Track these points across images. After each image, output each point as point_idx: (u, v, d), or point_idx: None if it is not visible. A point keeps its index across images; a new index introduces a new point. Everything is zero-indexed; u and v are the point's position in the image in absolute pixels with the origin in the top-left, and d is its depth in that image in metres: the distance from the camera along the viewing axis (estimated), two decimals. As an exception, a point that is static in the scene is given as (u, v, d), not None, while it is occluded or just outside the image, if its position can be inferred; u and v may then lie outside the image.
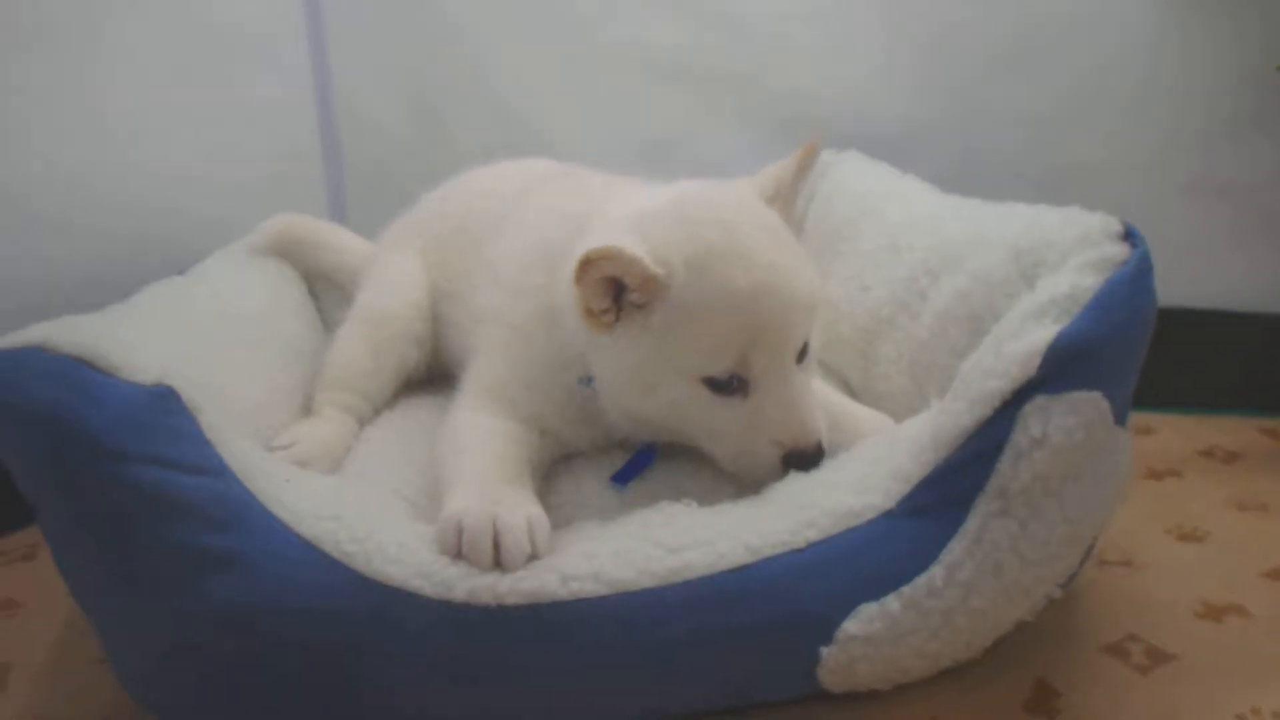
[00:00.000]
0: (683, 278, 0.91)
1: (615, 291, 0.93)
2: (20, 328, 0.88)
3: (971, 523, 0.84)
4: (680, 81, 1.69)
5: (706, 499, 0.94)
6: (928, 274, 1.09)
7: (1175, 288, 1.29)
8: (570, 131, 1.73)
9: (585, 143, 1.71)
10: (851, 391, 1.20)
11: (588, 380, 1.01)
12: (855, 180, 1.36)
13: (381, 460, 1.14)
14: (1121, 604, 1.07)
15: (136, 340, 0.92)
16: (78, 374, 0.84)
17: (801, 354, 0.97)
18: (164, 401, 0.87)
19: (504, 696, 0.84)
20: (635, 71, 1.71)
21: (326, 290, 1.49)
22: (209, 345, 1.12)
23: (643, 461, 1.03)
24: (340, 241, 1.48)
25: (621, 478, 1.03)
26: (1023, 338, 0.83)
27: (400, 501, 1.03)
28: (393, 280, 1.30)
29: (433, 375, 1.32)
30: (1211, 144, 1.52)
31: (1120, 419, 0.86)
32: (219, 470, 0.87)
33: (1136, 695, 0.94)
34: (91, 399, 0.83)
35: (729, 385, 0.93)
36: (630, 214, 0.98)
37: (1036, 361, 0.81)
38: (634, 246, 0.90)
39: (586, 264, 0.89)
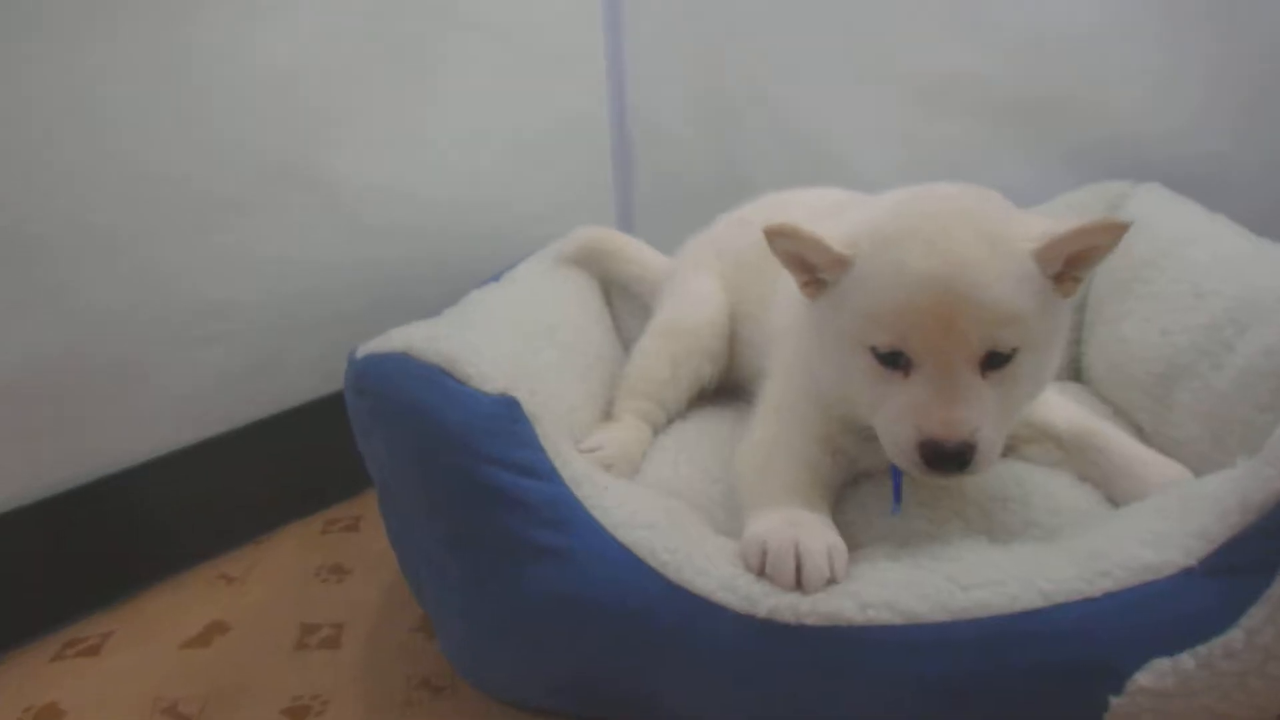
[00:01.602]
0: (867, 252, 0.96)
1: (810, 268, 1.00)
2: (355, 319, 1.07)
3: (1277, 588, 0.84)
4: (981, 108, 1.66)
5: (989, 530, 0.98)
6: (1233, 324, 1.08)
7: None
8: (859, 156, 1.77)
9: (872, 168, 1.73)
10: (1143, 436, 1.20)
11: None
12: (1157, 217, 1.34)
13: (675, 469, 1.24)
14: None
15: (482, 346, 1.05)
16: (440, 381, 0.99)
17: (992, 361, 0.94)
18: (509, 410, 1.00)
19: (791, 712, 0.91)
20: (932, 98, 1.70)
21: (621, 299, 1.61)
22: (532, 349, 1.26)
23: (898, 475, 1.06)
24: (641, 255, 1.59)
25: (896, 498, 1.07)
26: (1343, 407, 0.83)
27: (696, 511, 1.12)
28: (693, 297, 1.39)
29: (723, 388, 1.41)
30: None
31: None
32: (551, 475, 1.00)
33: None
34: (451, 404, 0.98)
35: (893, 360, 0.95)
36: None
37: (1356, 435, 0.81)
38: (808, 226, 0.97)
39: (767, 237, 0.99)
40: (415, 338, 1.02)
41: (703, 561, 0.95)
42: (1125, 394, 1.24)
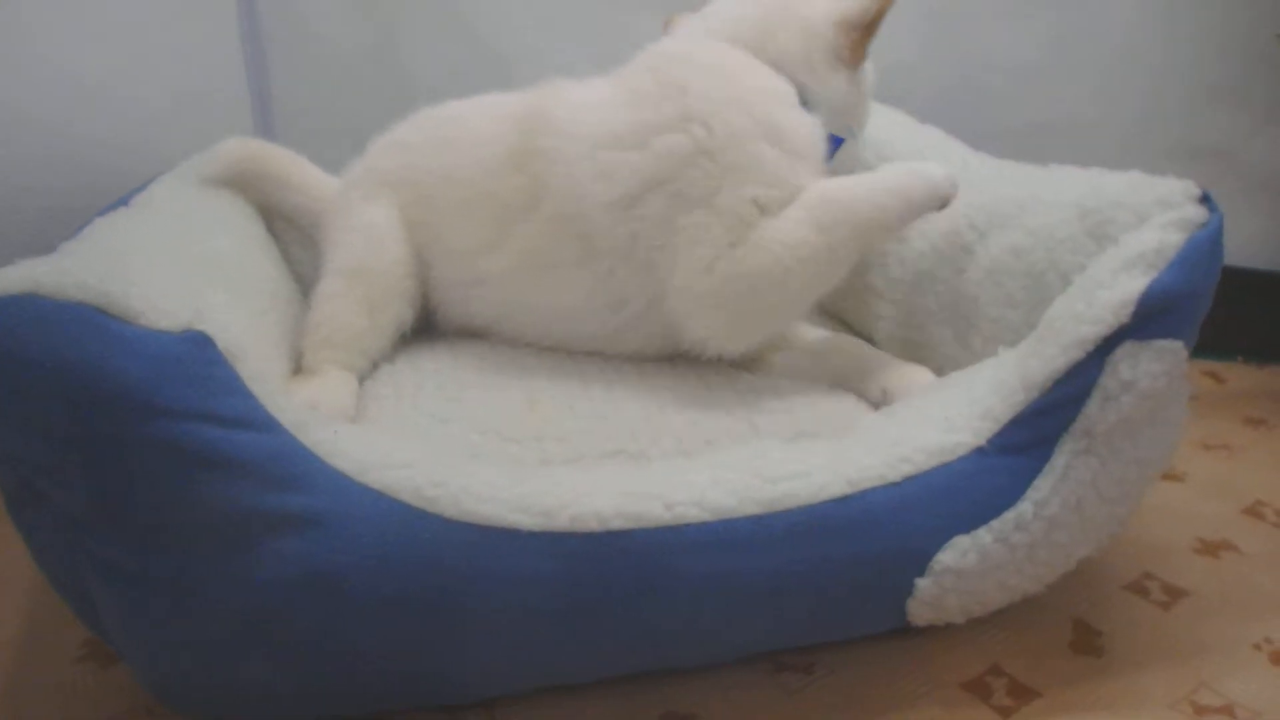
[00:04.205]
0: None
1: None
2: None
3: (1058, 460, 0.87)
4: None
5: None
6: (972, 229, 1.12)
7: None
8: (531, 50, 1.60)
9: (546, 62, 1.43)
10: (876, 344, 1.22)
11: None
12: (893, 136, 1.36)
13: (399, 416, 1.07)
14: (1128, 543, 1.13)
15: (144, 273, 0.80)
16: (95, 322, 0.71)
17: None
18: (200, 349, 0.75)
19: (611, 629, 0.83)
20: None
21: (287, 227, 1.33)
22: (193, 289, 0.91)
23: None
24: (306, 179, 1.31)
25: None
26: (1115, 287, 0.86)
27: (464, 447, 0.99)
28: (376, 232, 1.19)
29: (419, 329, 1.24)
30: (1195, 110, 1.61)
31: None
32: (269, 424, 0.78)
33: (1165, 630, 1.01)
34: (117, 351, 0.71)
35: None
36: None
37: (1130, 309, 0.85)
38: None
39: None
40: (42, 272, 0.72)
41: (483, 488, 0.82)
42: (863, 304, 1.27)
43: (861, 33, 1.10)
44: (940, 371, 1.11)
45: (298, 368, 1.14)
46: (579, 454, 0.98)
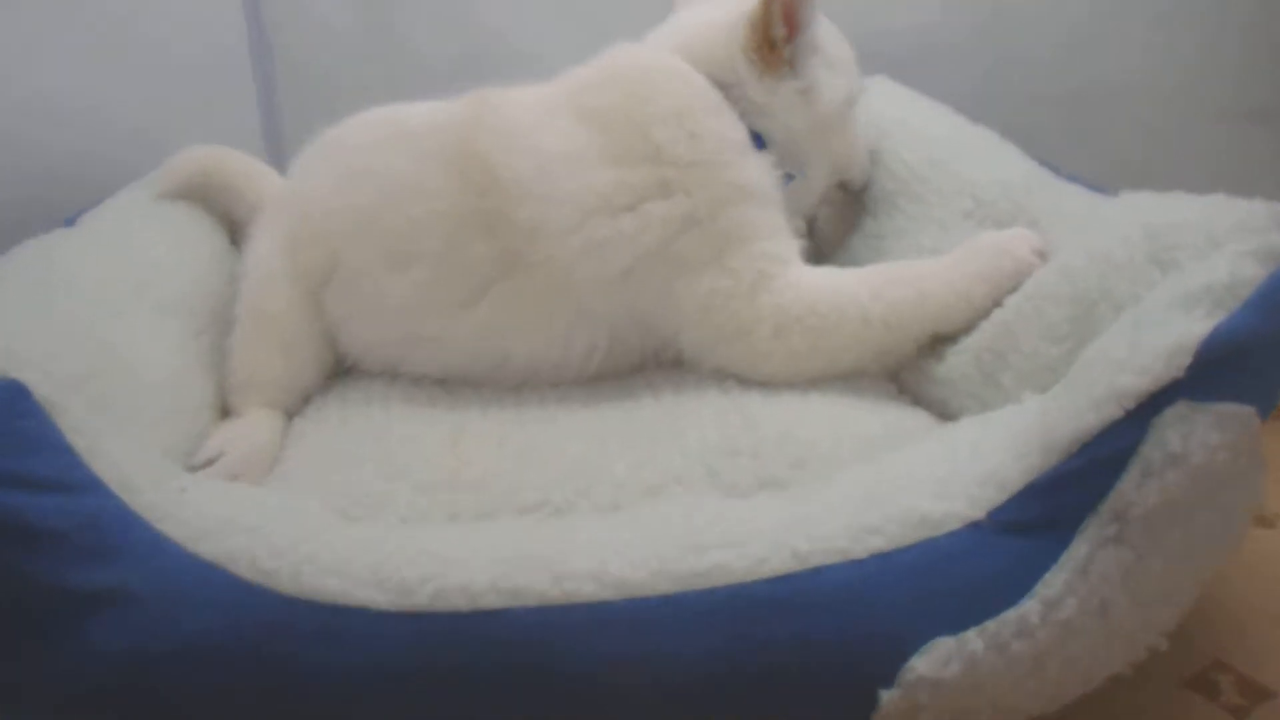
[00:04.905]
0: None
1: None
2: None
3: (1079, 548, 0.67)
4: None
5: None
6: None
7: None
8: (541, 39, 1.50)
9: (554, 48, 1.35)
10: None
11: None
12: (911, 117, 1.17)
13: (309, 459, 0.95)
14: (1191, 619, 0.90)
15: None
16: None
17: None
18: (7, 401, 0.68)
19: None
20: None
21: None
22: (95, 316, 0.92)
23: None
24: (267, 189, 1.20)
25: None
26: (1168, 329, 0.66)
27: (331, 512, 0.84)
28: (269, 275, 1.07)
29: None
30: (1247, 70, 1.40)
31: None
32: (87, 485, 0.69)
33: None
34: None
35: None
36: None
37: (1186, 360, 0.64)
38: None
39: None
40: None
41: (330, 558, 0.68)
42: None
43: (758, 35, 1.01)
44: (957, 414, 0.91)
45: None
46: (494, 507, 0.84)
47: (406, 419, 0.98)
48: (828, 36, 1.07)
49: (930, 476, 0.72)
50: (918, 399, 0.97)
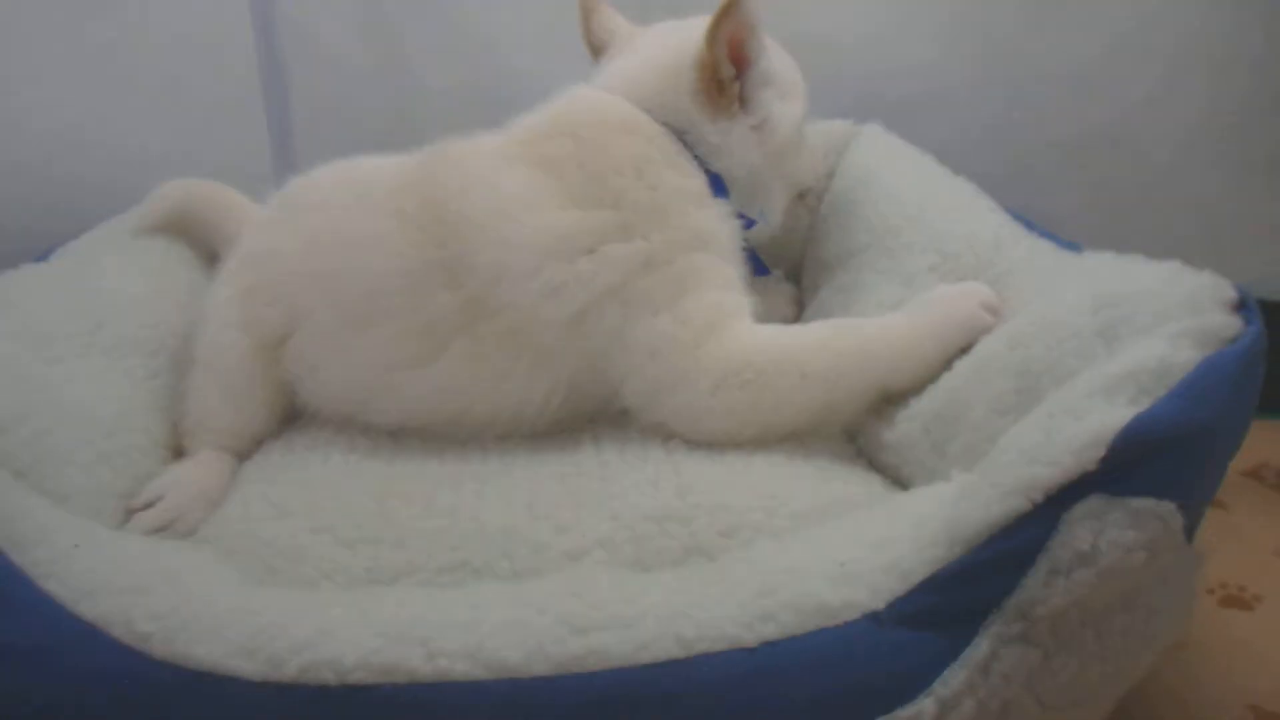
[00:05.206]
0: None
1: None
2: None
3: (980, 646, 0.63)
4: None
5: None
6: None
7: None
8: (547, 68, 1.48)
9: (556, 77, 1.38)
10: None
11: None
12: (889, 170, 1.13)
13: (246, 512, 0.92)
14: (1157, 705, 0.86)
15: None
16: None
17: None
18: None
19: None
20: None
21: None
22: (34, 358, 0.93)
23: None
24: (247, 222, 1.18)
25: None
26: (1085, 418, 0.62)
27: (238, 560, 0.84)
28: (223, 325, 1.06)
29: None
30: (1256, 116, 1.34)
31: (1190, 534, 0.66)
32: None
33: None
34: None
35: None
36: None
37: (1099, 452, 0.60)
38: None
39: None
40: None
41: (207, 623, 0.66)
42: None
43: (706, 77, 0.99)
44: (909, 481, 0.88)
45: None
46: (412, 567, 0.82)
47: (343, 470, 0.96)
48: (776, 62, 1.04)
49: (834, 559, 0.68)
50: (872, 464, 0.93)
